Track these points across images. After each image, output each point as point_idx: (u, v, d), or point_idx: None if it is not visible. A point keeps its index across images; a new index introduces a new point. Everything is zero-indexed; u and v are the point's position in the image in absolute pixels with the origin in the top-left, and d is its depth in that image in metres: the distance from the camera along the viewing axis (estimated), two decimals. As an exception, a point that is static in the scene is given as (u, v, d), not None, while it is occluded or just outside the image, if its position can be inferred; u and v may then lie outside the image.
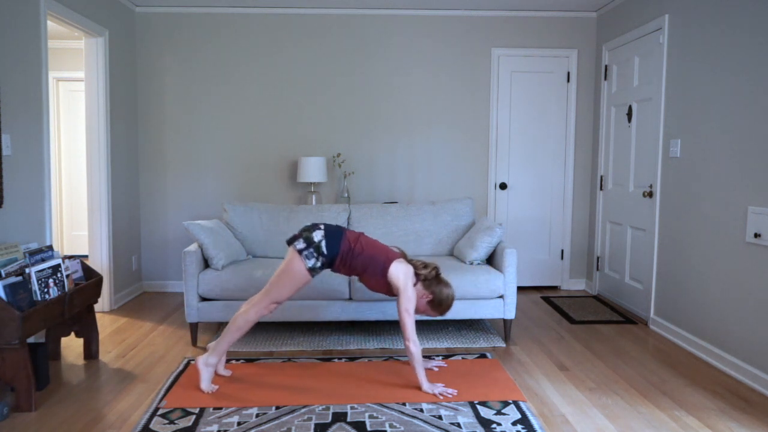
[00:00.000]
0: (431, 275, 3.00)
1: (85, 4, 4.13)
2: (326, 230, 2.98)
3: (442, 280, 3.02)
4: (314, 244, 2.93)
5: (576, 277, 5.38)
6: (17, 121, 3.37)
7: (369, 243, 3.03)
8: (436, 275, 3.02)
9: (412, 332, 2.88)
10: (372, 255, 2.97)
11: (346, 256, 2.97)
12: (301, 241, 2.94)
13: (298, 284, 2.94)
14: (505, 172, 5.25)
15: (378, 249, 3.01)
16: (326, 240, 2.95)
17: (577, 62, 5.17)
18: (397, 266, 2.96)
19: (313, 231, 2.97)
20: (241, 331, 2.96)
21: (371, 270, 2.97)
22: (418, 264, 3.03)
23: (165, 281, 5.25)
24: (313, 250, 2.92)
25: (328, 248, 2.94)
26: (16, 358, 2.67)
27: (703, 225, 3.54)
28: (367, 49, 5.12)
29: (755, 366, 3.07)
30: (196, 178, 5.18)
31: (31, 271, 2.85)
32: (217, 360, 2.98)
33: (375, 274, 2.98)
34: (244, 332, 2.99)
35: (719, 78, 3.40)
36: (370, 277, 3.01)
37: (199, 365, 2.96)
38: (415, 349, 2.88)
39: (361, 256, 2.96)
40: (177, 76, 5.09)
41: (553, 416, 2.70)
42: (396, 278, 2.94)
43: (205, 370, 2.95)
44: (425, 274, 2.99)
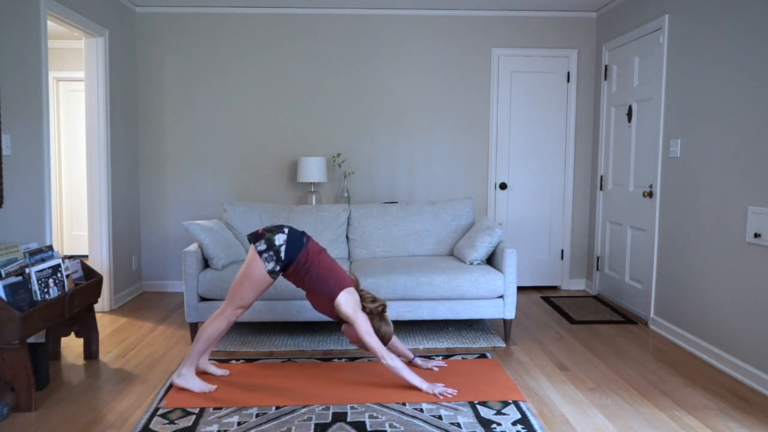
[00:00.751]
0: (377, 311, 2.97)
1: (85, 4, 4.13)
2: (289, 235, 2.93)
3: (385, 318, 2.99)
4: (275, 247, 2.88)
5: (576, 277, 5.38)
6: (17, 121, 3.37)
7: (326, 263, 2.97)
8: (381, 311, 2.99)
9: (382, 349, 2.86)
10: (324, 276, 2.92)
11: (300, 266, 2.92)
12: (263, 242, 2.89)
13: (261, 287, 2.91)
14: (505, 172, 5.26)
15: (333, 271, 2.95)
16: (287, 245, 2.90)
17: (577, 62, 5.17)
18: (346, 296, 2.91)
19: (276, 233, 2.92)
20: (210, 341, 2.95)
21: (319, 290, 2.93)
22: (367, 296, 3.01)
23: (165, 281, 5.25)
24: (273, 253, 2.88)
25: (286, 253, 2.90)
26: (16, 358, 2.67)
27: (703, 225, 3.54)
28: (367, 49, 5.12)
29: (755, 366, 3.07)
30: (196, 178, 5.18)
31: (31, 271, 2.85)
32: (190, 369, 2.94)
33: (322, 296, 2.94)
34: (214, 342, 2.97)
35: (719, 78, 3.40)
36: (316, 297, 2.97)
37: (176, 382, 2.93)
38: (393, 362, 2.85)
39: (313, 273, 2.92)
40: (177, 76, 5.10)
41: (553, 416, 2.70)
42: (344, 308, 2.89)
43: (185, 381, 2.92)
44: (371, 308, 2.96)
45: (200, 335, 2.94)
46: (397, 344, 3.24)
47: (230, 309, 2.92)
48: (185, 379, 2.93)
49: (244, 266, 2.91)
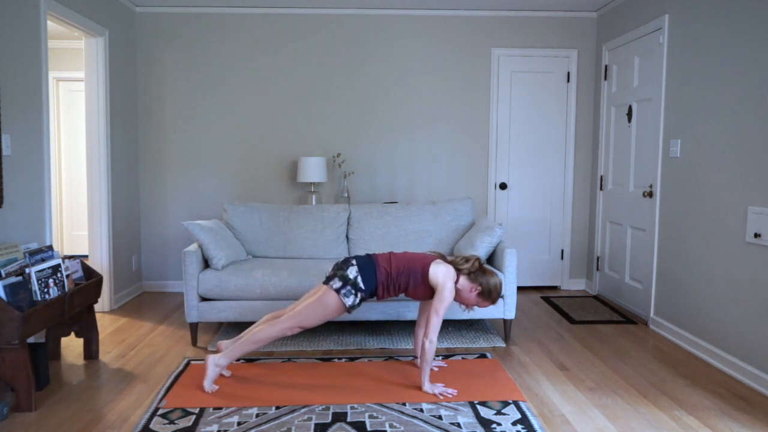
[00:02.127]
0: (474, 267, 2.99)
1: (85, 4, 4.13)
2: (359, 264, 2.97)
3: (486, 270, 3.01)
4: (350, 281, 2.91)
5: (576, 277, 5.38)
6: (17, 121, 3.37)
7: (402, 258, 3.03)
8: (480, 266, 3.01)
9: (435, 333, 2.89)
10: (409, 268, 2.98)
11: (386, 282, 2.97)
12: (337, 280, 2.92)
13: (331, 316, 2.94)
14: (505, 172, 5.25)
15: (413, 260, 3.02)
16: (361, 275, 2.93)
17: (577, 62, 5.17)
18: (435, 267, 2.97)
19: (347, 268, 2.95)
20: (258, 344, 2.94)
21: (413, 281, 2.98)
22: (459, 260, 3.03)
23: (165, 281, 5.25)
24: (351, 287, 2.90)
25: (365, 282, 2.93)
26: (16, 358, 2.67)
27: (703, 225, 3.54)
28: (367, 49, 5.12)
29: (755, 366, 3.07)
30: (196, 178, 5.18)
31: (31, 271, 2.85)
32: (227, 363, 2.97)
33: (418, 285, 2.99)
34: (261, 346, 2.97)
35: (719, 78, 3.40)
36: (415, 290, 3.01)
37: (209, 363, 2.94)
38: (431, 349, 2.89)
39: (400, 275, 2.97)
40: (177, 76, 5.10)
41: (553, 416, 2.70)
42: (436, 277, 2.94)
43: (213, 370, 2.94)
44: (468, 268, 2.99)
45: (251, 336, 2.92)
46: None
47: (290, 324, 2.91)
48: (216, 370, 2.93)
49: (317, 297, 2.91)
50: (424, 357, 2.91)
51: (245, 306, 3.67)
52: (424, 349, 2.89)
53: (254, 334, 2.93)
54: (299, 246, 4.24)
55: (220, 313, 3.67)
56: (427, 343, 2.89)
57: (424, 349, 2.90)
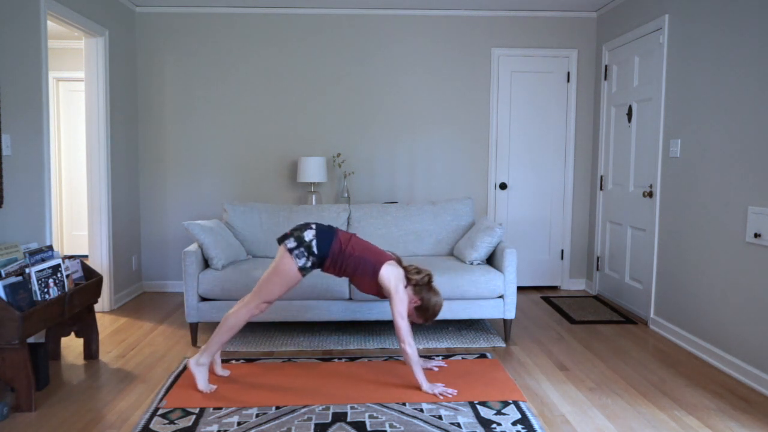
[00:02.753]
0: (423, 281, 2.99)
1: (85, 4, 4.13)
2: (318, 230, 2.96)
3: (432, 288, 3.01)
4: (305, 243, 2.91)
5: (576, 277, 5.38)
6: (17, 121, 3.37)
7: (361, 244, 3.01)
8: (428, 282, 3.01)
9: (407, 334, 2.88)
10: (363, 256, 2.96)
11: (337, 256, 2.95)
12: (292, 239, 2.92)
13: (289, 284, 2.93)
14: (505, 172, 5.26)
15: (370, 251, 3.00)
16: (317, 240, 2.93)
17: (577, 62, 5.17)
18: (388, 269, 2.95)
19: (304, 230, 2.95)
20: (232, 331, 2.95)
21: (361, 271, 2.96)
22: (411, 269, 3.02)
23: (165, 281, 5.25)
24: (304, 249, 2.90)
25: (318, 248, 2.92)
26: (16, 358, 2.67)
27: (703, 225, 3.54)
28: (367, 49, 5.12)
29: (755, 366, 3.07)
30: (196, 178, 5.18)
31: (31, 271, 2.85)
32: (208, 360, 2.96)
33: (365, 275, 2.96)
34: (235, 332, 2.97)
35: (719, 78, 3.40)
36: (360, 279, 2.99)
37: (191, 366, 2.94)
38: (411, 351, 2.88)
39: (352, 258, 2.95)
40: (177, 76, 5.10)
41: (553, 416, 2.70)
42: (387, 281, 2.92)
43: (198, 371, 2.93)
44: (417, 280, 2.98)
45: (223, 325, 2.94)
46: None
47: (255, 302, 2.93)
48: (200, 369, 2.94)
49: (274, 263, 2.93)
50: (409, 361, 2.90)
51: (245, 306, 3.67)
52: (406, 353, 2.88)
53: (226, 322, 2.94)
54: (299, 246, 4.24)
55: (220, 313, 3.67)
56: (406, 347, 2.87)
57: (405, 354, 2.88)
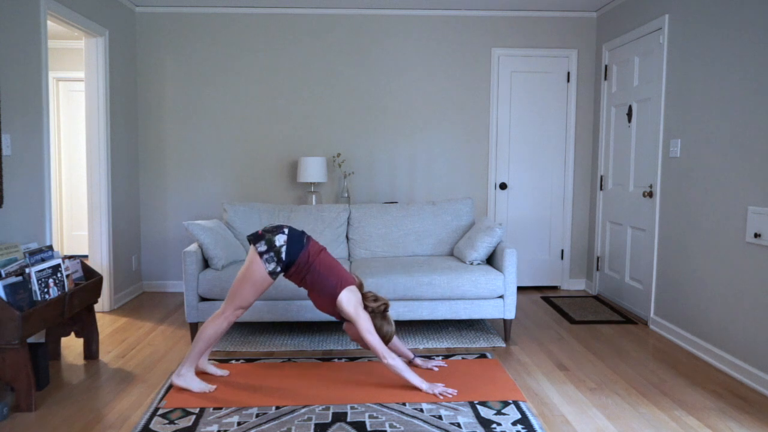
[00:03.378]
0: (379, 309, 2.99)
1: (85, 4, 4.13)
2: (289, 235, 2.93)
3: (387, 317, 3.01)
4: (275, 248, 2.89)
5: (576, 277, 5.38)
6: (17, 121, 3.37)
7: (327, 262, 2.98)
8: (384, 310, 3.01)
9: (383, 348, 2.87)
10: (326, 275, 2.94)
11: (302, 266, 2.94)
12: (263, 243, 2.90)
13: (261, 288, 2.92)
14: (505, 172, 5.26)
15: (334, 270, 2.97)
16: (287, 245, 2.91)
17: (577, 62, 5.17)
18: (348, 294, 2.93)
19: (276, 233, 2.92)
20: (210, 341, 2.94)
21: (320, 289, 2.94)
22: (369, 296, 3.03)
23: (165, 281, 5.25)
24: (273, 254, 2.88)
25: (287, 254, 2.90)
26: (16, 358, 2.67)
27: (703, 225, 3.54)
28: (367, 49, 5.12)
29: (755, 366, 3.07)
30: (196, 178, 5.18)
31: (31, 271, 2.85)
32: (190, 370, 2.94)
33: (323, 294, 2.95)
34: (214, 342, 2.97)
35: (719, 78, 3.40)
36: (317, 296, 2.98)
37: (176, 382, 2.92)
38: (394, 362, 2.86)
39: (315, 273, 2.93)
40: (177, 76, 5.10)
41: (553, 416, 2.70)
42: (345, 306, 2.91)
43: (184, 380, 2.92)
44: (374, 307, 2.98)
45: (200, 335, 2.94)
46: (398, 344, 3.24)
47: (230, 310, 2.92)
48: (185, 379, 2.93)
49: (244, 267, 2.92)
50: (396, 371, 2.86)
51: (245, 306, 3.67)
52: (390, 366, 2.85)
53: (203, 332, 2.93)
54: (299, 246, 4.24)
55: (220, 313, 3.67)
56: (388, 360, 2.85)
57: (390, 367, 2.85)
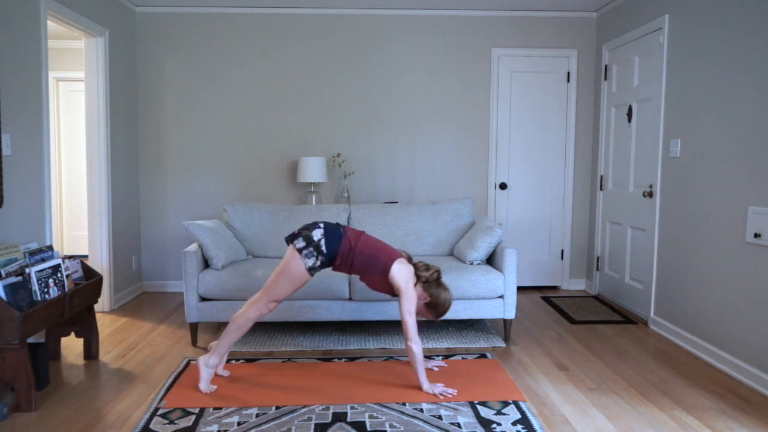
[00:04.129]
0: (432, 278, 3.00)
1: (85, 4, 4.13)
2: (326, 229, 2.97)
3: (441, 284, 3.02)
4: (313, 243, 2.91)
5: (576, 277, 5.38)
6: (17, 121, 3.37)
7: (370, 242, 3.01)
8: (437, 278, 3.02)
9: (414, 332, 2.88)
10: (373, 254, 2.96)
11: (346, 255, 2.96)
12: (301, 239, 2.92)
13: (298, 283, 2.93)
14: (505, 172, 5.26)
15: (379, 248, 3.00)
16: (326, 239, 2.93)
17: (577, 62, 5.17)
18: (399, 266, 2.95)
19: (312, 229, 2.95)
20: (241, 331, 2.96)
21: (371, 269, 2.96)
22: (421, 266, 3.03)
23: (165, 281, 5.25)
24: (313, 249, 2.90)
25: (327, 247, 2.92)
26: (16, 358, 2.67)
27: (703, 225, 3.54)
28: (367, 49, 5.12)
29: (755, 366, 3.07)
30: (196, 178, 5.18)
31: (31, 271, 2.85)
32: (218, 361, 2.98)
33: (375, 273, 2.97)
34: (245, 332, 2.99)
35: (719, 78, 3.40)
36: (370, 277, 3.00)
37: (200, 365, 2.96)
38: (417, 349, 2.88)
39: (362, 256, 2.95)
40: (177, 76, 5.10)
41: (553, 416, 2.70)
42: (397, 278, 2.93)
43: (206, 371, 2.95)
44: (426, 276, 2.99)
45: (231, 325, 2.95)
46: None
47: (264, 301, 2.93)
48: (208, 370, 2.95)
49: (282, 263, 2.93)
50: (413, 359, 2.90)
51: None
52: (411, 351, 2.88)
53: (234, 321, 2.94)
54: (299, 246, 4.24)
55: (220, 313, 3.67)
56: (412, 345, 2.87)
57: (411, 351, 2.88)
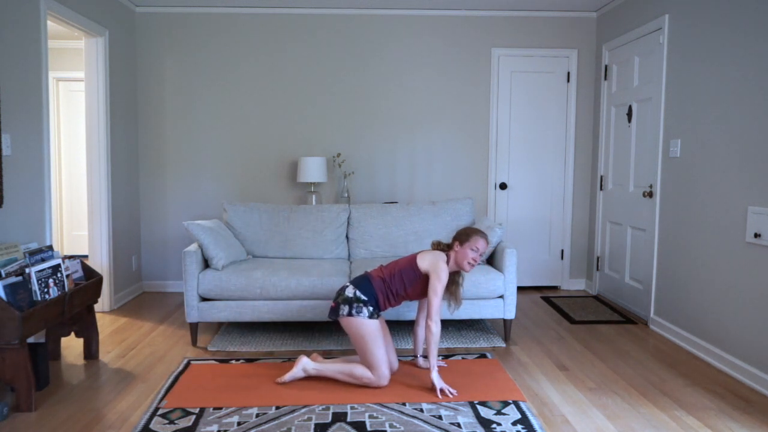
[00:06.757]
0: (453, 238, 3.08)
1: (85, 4, 4.13)
2: (353, 282, 3.02)
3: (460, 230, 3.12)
4: (351, 299, 2.94)
5: (576, 277, 5.38)
6: (17, 121, 3.37)
7: (391, 264, 3.10)
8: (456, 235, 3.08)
9: (437, 314, 2.92)
10: (400, 269, 3.04)
11: (385, 288, 3.01)
12: (343, 306, 2.95)
13: (377, 335, 2.92)
14: (505, 172, 5.25)
15: (401, 261, 3.09)
16: (359, 289, 2.97)
17: (577, 62, 5.17)
18: (422, 255, 3.05)
19: (343, 291, 3.00)
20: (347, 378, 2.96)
21: (408, 280, 3.02)
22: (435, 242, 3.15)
23: (165, 281, 5.25)
24: (356, 304, 2.93)
25: (365, 293, 2.96)
26: (16, 358, 2.67)
27: (703, 225, 3.54)
28: (367, 49, 5.12)
29: (755, 366, 3.07)
30: (196, 178, 5.18)
31: (31, 271, 2.85)
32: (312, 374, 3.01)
33: (413, 281, 3.02)
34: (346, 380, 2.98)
35: (719, 78, 3.40)
36: (414, 287, 3.04)
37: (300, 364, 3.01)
38: (436, 329, 2.91)
39: (395, 277, 3.02)
40: (177, 76, 5.10)
41: (553, 416, 2.70)
42: (425, 264, 3.00)
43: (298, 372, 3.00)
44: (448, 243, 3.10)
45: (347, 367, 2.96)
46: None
47: (375, 375, 2.91)
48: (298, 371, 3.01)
49: (352, 337, 2.95)
50: (429, 338, 2.91)
51: (245, 306, 3.67)
52: (430, 330, 2.90)
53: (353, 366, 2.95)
54: (299, 246, 4.24)
55: (220, 313, 3.67)
56: (432, 324, 2.90)
57: (430, 331, 2.90)
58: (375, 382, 2.91)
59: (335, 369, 2.98)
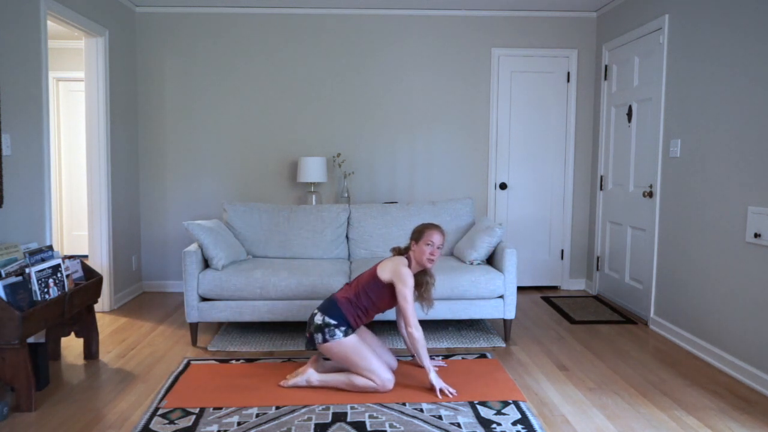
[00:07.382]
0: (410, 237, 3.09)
1: (85, 4, 4.13)
2: (321, 308, 2.97)
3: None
4: (322, 325, 2.90)
5: (576, 277, 5.38)
6: (17, 121, 3.37)
7: (356, 281, 3.06)
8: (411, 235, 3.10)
9: (413, 318, 2.91)
10: (363, 284, 3.01)
11: (353, 311, 2.96)
12: (317, 336, 2.91)
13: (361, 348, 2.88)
14: (505, 172, 5.25)
15: (364, 276, 3.05)
16: (326, 314, 2.92)
17: (577, 62, 5.17)
18: (382, 265, 3.03)
19: (312, 320, 2.96)
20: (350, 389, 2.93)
21: (374, 294, 2.99)
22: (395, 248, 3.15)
23: (165, 281, 5.25)
24: (328, 329, 2.89)
25: (333, 317, 2.91)
26: (16, 358, 2.67)
27: (703, 225, 3.54)
28: (367, 49, 5.12)
29: (755, 366, 3.07)
30: (196, 178, 5.18)
31: (31, 271, 2.85)
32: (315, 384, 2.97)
33: (380, 293, 2.99)
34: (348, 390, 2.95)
35: (719, 78, 3.40)
36: (381, 300, 3.01)
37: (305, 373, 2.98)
38: (418, 334, 2.90)
39: (361, 297, 2.98)
40: (177, 76, 5.09)
41: (553, 416, 2.70)
42: (386, 273, 2.97)
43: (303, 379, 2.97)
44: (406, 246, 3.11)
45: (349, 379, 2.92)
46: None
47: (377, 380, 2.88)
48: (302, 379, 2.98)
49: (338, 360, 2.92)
50: (414, 345, 2.92)
51: (245, 306, 3.67)
52: (413, 337, 2.90)
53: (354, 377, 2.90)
54: (299, 246, 4.24)
55: (220, 313, 3.67)
56: (413, 330, 2.90)
57: (412, 338, 2.91)
58: (380, 388, 2.88)
59: (339, 380, 2.94)
